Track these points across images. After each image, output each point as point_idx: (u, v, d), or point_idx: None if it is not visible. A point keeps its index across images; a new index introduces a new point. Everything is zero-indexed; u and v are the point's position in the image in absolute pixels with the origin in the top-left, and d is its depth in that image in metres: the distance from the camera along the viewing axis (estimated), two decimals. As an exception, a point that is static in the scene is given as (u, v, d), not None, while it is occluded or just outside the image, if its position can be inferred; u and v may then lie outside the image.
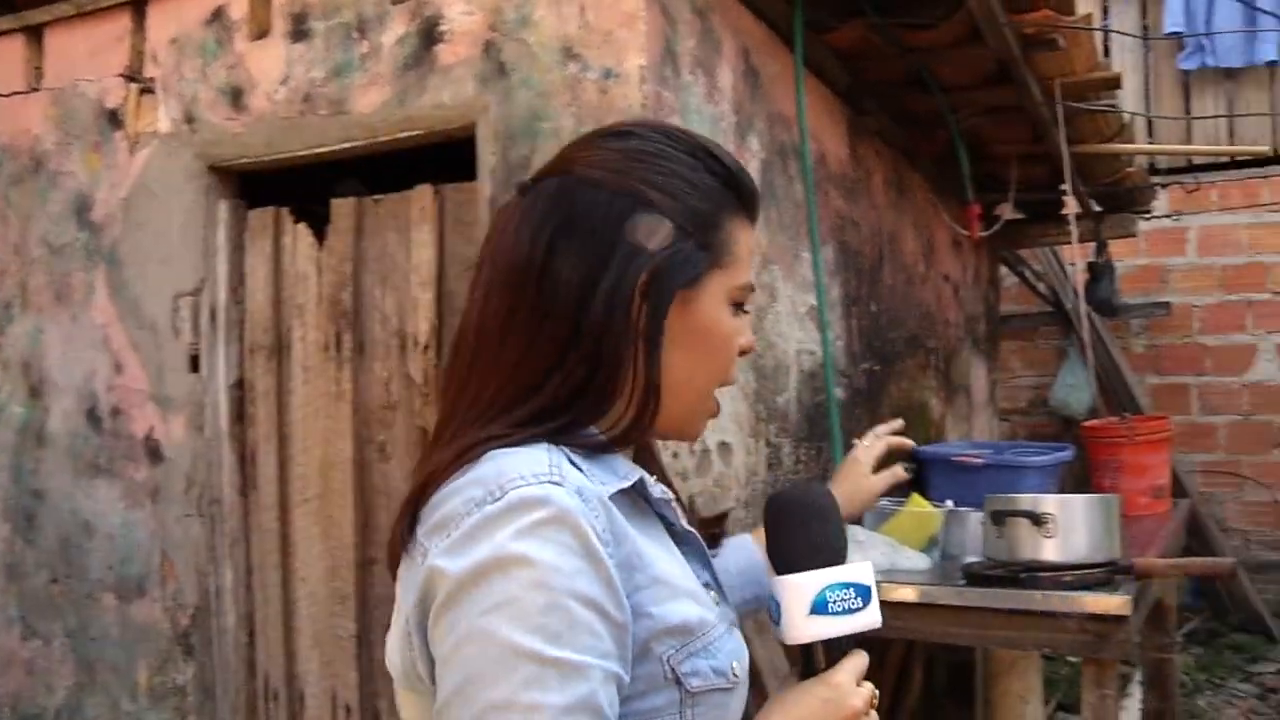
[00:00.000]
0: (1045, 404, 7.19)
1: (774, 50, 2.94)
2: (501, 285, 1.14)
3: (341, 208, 2.97)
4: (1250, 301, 7.19)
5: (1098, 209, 5.07)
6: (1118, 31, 6.76)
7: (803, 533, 1.24)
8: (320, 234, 2.97)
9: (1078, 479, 4.07)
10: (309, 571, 3.04)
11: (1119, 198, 4.99)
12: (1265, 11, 6.47)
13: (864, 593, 1.21)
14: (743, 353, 1.25)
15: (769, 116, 2.87)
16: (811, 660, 1.20)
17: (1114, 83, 3.82)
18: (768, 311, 2.83)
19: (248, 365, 3.13)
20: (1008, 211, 4.10)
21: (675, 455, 2.37)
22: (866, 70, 3.53)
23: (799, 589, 1.18)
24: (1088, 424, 3.96)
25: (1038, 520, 2.54)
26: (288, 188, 3.08)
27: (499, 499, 1.02)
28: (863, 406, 3.47)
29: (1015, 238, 5.21)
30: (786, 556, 1.22)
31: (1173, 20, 7.02)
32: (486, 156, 2.59)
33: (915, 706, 3.93)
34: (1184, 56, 7.18)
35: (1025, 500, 2.61)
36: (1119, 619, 2.45)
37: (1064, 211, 5.07)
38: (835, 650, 1.20)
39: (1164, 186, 7.03)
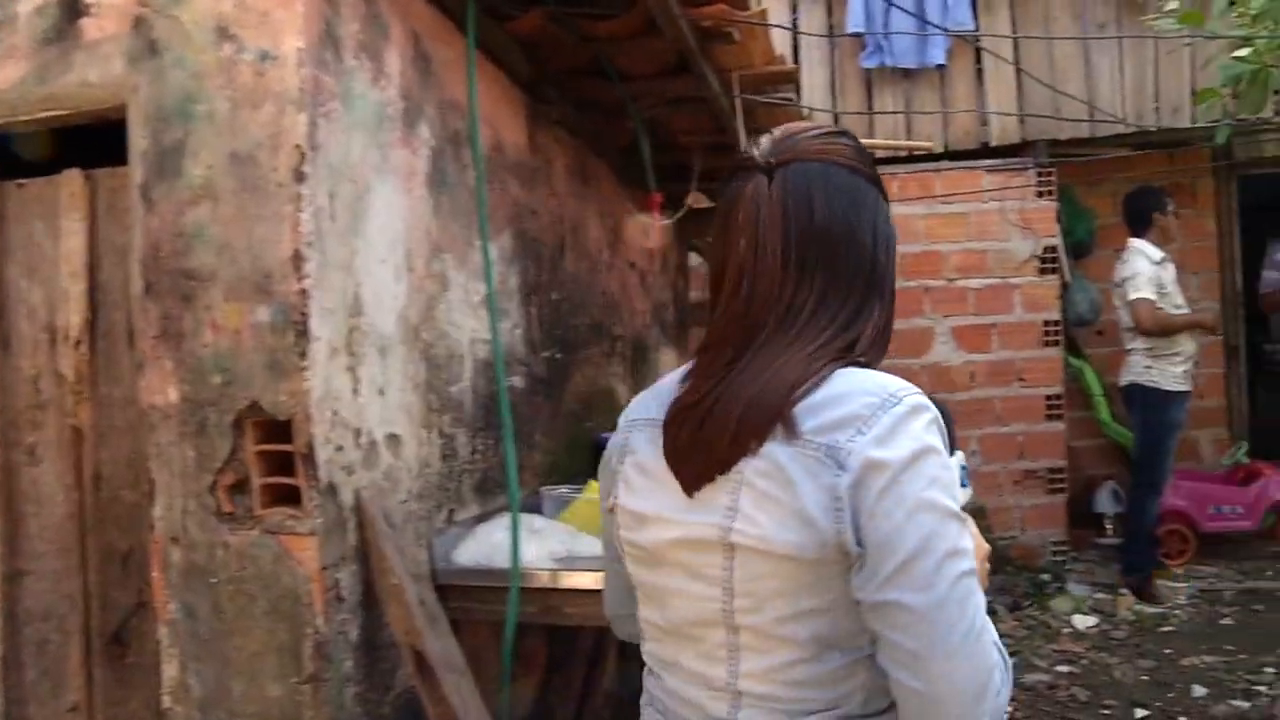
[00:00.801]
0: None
1: (448, 36, 2.89)
2: (812, 245, 1.40)
3: (-22, 193, 2.76)
4: (927, 288, 7.57)
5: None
6: (782, 27, 7.00)
7: None
8: (-44, 221, 2.75)
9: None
10: (-49, 585, 2.82)
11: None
12: (928, 22, 6.85)
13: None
14: None
15: (441, 103, 2.83)
16: None
17: (791, 76, 3.95)
18: (439, 300, 2.80)
19: (-123, 363, 2.87)
20: (691, 200, 4.18)
21: (340, 448, 2.31)
22: (549, 59, 3.53)
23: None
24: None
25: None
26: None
27: (898, 403, 1.31)
28: (544, 395, 3.48)
29: (703, 226, 5.34)
30: None
31: (854, 21, 7.35)
32: (138, 140, 2.45)
33: (612, 688, 3.98)
34: (865, 56, 7.53)
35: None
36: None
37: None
38: None
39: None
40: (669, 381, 1.54)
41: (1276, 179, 8.51)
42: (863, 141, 1.51)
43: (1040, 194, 7.44)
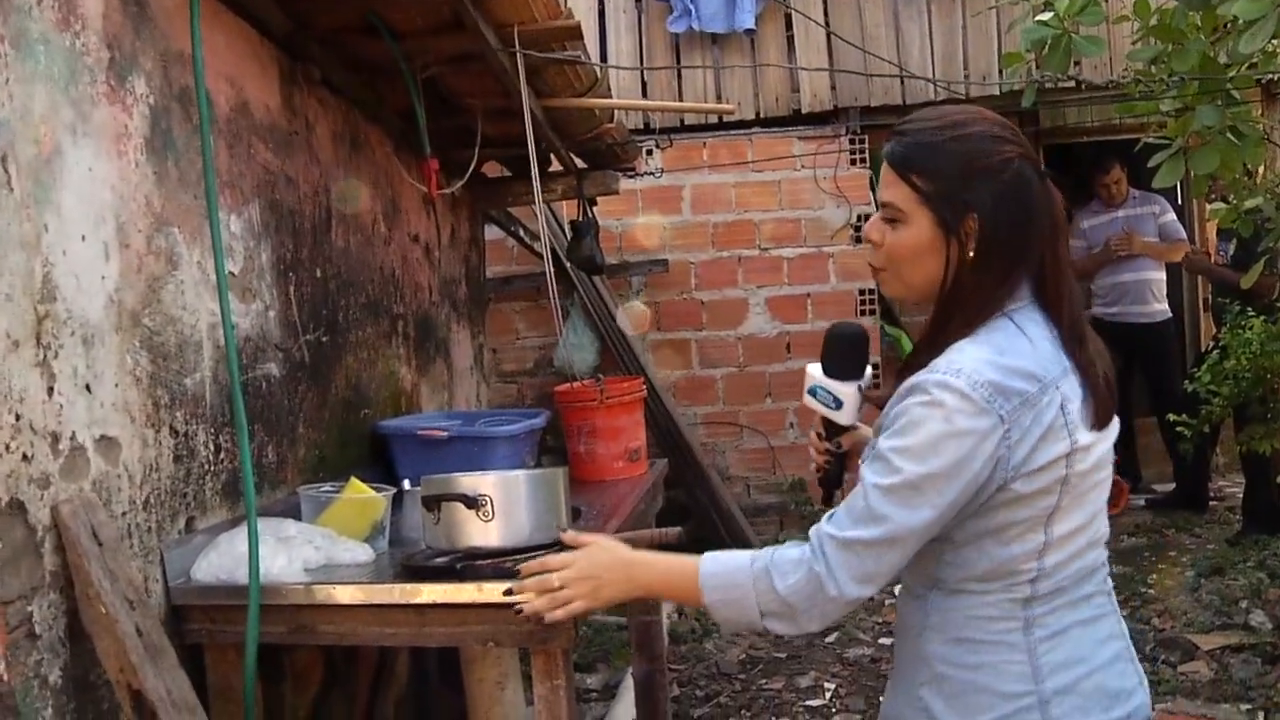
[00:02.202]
0: (551, 364, 7.16)
1: (173, -20, 2.53)
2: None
3: None
4: (741, 258, 7.45)
5: (582, 165, 4.97)
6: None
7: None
8: None
9: (555, 446, 3.95)
10: None
11: (602, 154, 4.91)
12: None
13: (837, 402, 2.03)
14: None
15: (164, 56, 2.47)
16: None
17: (575, 32, 3.67)
18: (167, 281, 2.44)
19: None
20: (476, 167, 3.87)
21: (27, 458, 1.95)
22: (310, 14, 3.19)
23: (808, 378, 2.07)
24: (559, 388, 3.83)
25: (472, 503, 2.32)
26: None
27: None
28: (309, 381, 3.14)
29: (498, 196, 5.03)
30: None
31: (660, -17, 7.14)
32: None
33: (403, 697, 3.68)
34: (672, 20, 7.32)
35: (460, 482, 2.37)
36: (562, 604, 2.28)
37: (552, 169, 4.94)
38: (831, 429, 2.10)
39: (660, 147, 7.15)
40: (1041, 340, 1.72)
41: (1080, 148, 8.63)
42: (667, 104, 1.39)
43: (853, 161, 7.42)
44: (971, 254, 1.72)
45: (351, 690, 3.29)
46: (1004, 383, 1.63)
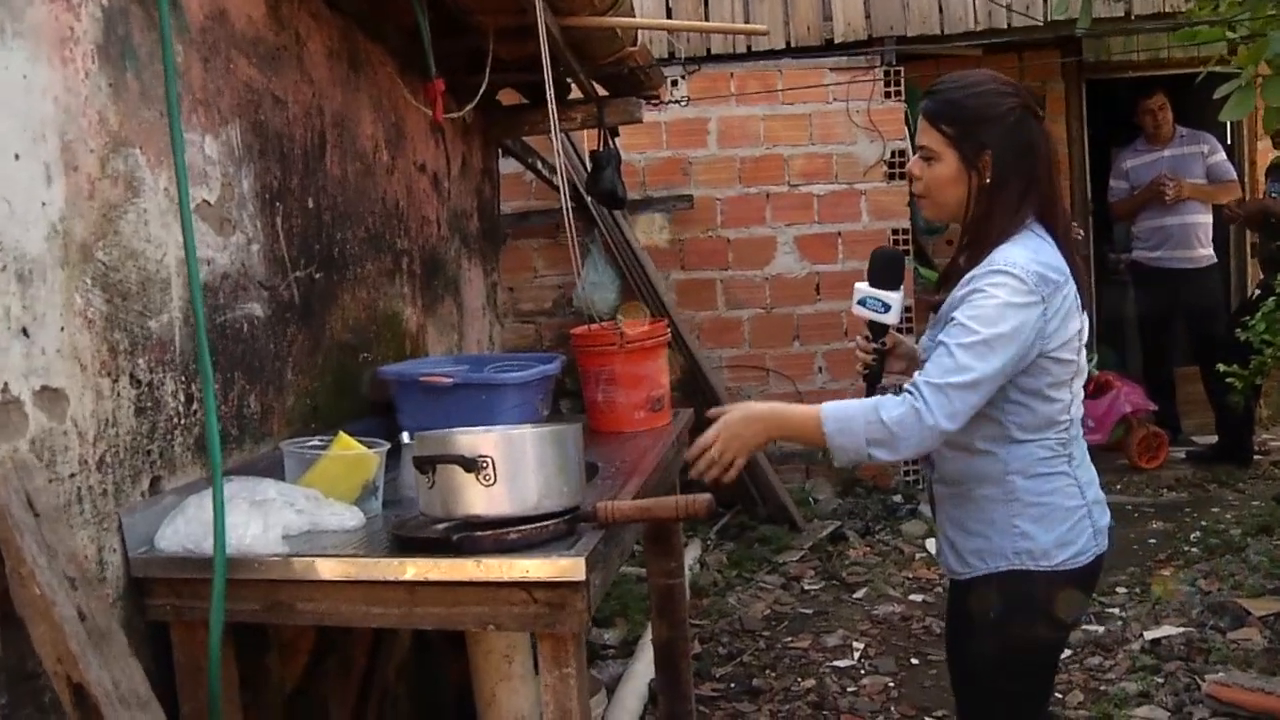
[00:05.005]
0: (571, 304, 6.87)
1: None
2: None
3: None
4: (769, 194, 7.14)
5: (603, 93, 4.63)
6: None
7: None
8: None
9: (575, 390, 3.65)
10: None
11: (624, 81, 4.57)
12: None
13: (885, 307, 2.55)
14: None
15: (121, -49, 2.15)
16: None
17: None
18: (126, 210, 2.13)
19: None
20: (482, 90, 3.53)
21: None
22: (302, -85, 2.87)
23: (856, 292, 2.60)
24: (576, 331, 3.53)
25: (471, 466, 2.02)
26: None
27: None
28: (299, 323, 2.83)
29: (513, 124, 4.70)
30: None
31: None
32: None
33: (406, 663, 3.43)
34: (700, -58, 6.94)
35: (457, 441, 2.08)
36: (573, 585, 1.99)
37: (571, 97, 4.62)
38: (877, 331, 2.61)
39: (685, 77, 6.83)
40: (1044, 246, 2.33)
41: (1122, 84, 8.29)
42: (694, 24, 1.19)
43: (888, 94, 7.06)
44: (988, 180, 2.36)
45: (348, 658, 3.03)
46: (1043, 273, 2.27)
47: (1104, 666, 4.52)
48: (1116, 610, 5.07)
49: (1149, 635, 4.70)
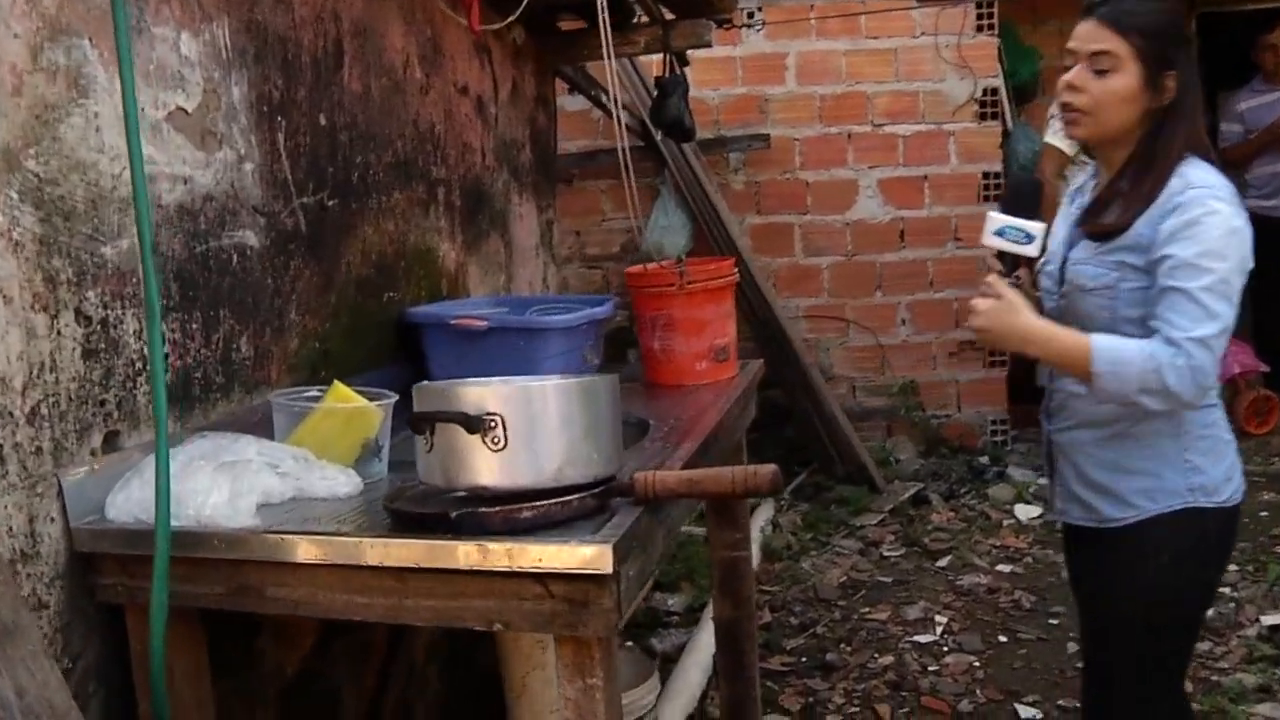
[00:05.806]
0: (639, 249, 6.49)
1: None
2: None
3: None
4: (851, 134, 6.71)
5: (670, 17, 4.21)
6: None
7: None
8: None
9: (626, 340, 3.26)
10: None
11: (693, 3, 4.15)
12: None
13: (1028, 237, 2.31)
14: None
15: None
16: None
17: None
18: (69, 113, 1.76)
19: None
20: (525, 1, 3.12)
21: None
22: None
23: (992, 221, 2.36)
24: (630, 270, 3.13)
25: (476, 426, 1.64)
26: None
27: None
28: (306, 255, 2.45)
29: (572, 49, 4.27)
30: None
31: None
32: None
33: (436, 637, 3.08)
34: None
35: (460, 395, 1.69)
36: (599, 579, 1.60)
37: (634, 20, 4.20)
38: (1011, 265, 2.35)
39: (760, 7, 6.41)
40: (1211, 169, 2.22)
41: (1237, 20, 7.69)
42: None
43: (980, 28, 6.62)
44: (1168, 104, 2.21)
45: (368, 641, 2.68)
46: (1236, 192, 2.19)
47: (1214, 654, 4.08)
48: (1227, 590, 4.59)
49: (1266, 621, 4.25)
